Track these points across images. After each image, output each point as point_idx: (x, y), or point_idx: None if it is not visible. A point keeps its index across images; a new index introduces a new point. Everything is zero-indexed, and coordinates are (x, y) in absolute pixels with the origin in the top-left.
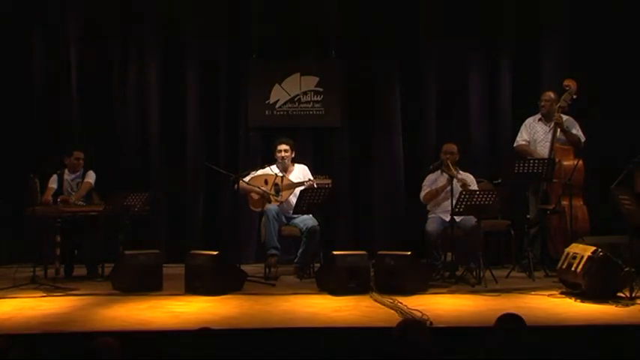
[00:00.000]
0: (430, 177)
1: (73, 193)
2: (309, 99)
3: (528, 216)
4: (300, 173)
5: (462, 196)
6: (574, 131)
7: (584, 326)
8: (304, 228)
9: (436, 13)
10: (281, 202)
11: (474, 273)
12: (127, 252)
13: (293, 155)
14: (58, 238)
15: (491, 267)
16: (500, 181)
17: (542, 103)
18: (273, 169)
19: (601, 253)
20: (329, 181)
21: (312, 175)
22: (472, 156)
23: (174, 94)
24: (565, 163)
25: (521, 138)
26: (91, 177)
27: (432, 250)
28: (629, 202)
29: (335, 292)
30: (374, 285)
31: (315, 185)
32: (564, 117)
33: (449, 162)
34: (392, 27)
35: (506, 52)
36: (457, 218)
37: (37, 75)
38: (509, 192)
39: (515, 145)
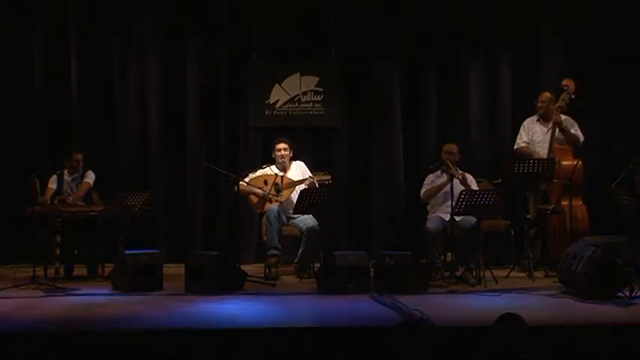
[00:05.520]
0: (430, 177)
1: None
2: (309, 99)
3: (528, 216)
4: (298, 170)
5: (462, 196)
6: (573, 131)
7: (584, 326)
8: (304, 228)
9: (436, 12)
10: (282, 202)
11: (474, 273)
12: (127, 252)
13: (292, 154)
14: (58, 238)
15: (491, 267)
16: (500, 181)
17: (539, 104)
18: (272, 169)
19: (601, 253)
20: (329, 177)
21: (311, 171)
22: (472, 156)
23: (174, 94)
24: (564, 163)
25: (521, 140)
26: (90, 177)
27: (431, 248)
28: (629, 202)
29: (335, 292)
30: (374, 285)
31: (316, 181)
32: (563, 117)
33: (449, 162)
34: (392, 27)
35: (506, 52)
36: (457, 218)
37: (37, 75)
38: (509, 192)
39: (515, 147)
